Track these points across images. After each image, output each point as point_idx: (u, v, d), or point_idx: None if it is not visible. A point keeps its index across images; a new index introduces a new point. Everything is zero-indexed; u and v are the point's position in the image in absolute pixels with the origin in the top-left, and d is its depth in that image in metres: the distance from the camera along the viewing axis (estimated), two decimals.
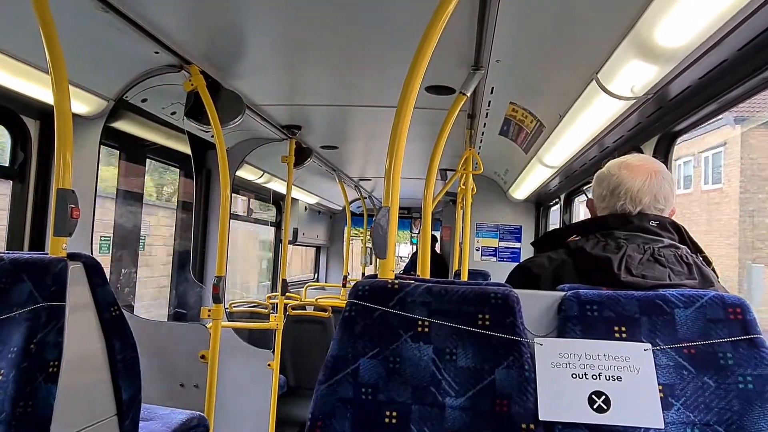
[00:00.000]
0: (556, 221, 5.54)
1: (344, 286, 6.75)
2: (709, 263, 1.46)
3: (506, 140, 3.87)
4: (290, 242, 6.95)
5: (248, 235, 7.41)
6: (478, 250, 6.18)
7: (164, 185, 5.86)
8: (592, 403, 1.10)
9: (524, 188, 5.04)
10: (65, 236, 1.68)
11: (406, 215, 9.68)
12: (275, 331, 3.65)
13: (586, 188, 4.06)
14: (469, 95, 2.51)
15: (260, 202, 6.48)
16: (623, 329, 1.15)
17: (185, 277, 4.28)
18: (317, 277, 8.81)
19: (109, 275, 3.53)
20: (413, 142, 2.66)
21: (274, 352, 3.56)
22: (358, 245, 8.94)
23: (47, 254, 1.65)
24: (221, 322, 2.96)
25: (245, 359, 3.46)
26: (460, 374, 1.17)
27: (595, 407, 1.10)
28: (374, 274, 1.35)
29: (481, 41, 2.20)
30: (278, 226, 6.71)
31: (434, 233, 9.01)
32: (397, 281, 1.25)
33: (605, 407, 1.10)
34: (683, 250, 1.40)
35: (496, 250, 6.21)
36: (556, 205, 5.18)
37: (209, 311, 2.96)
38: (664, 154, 2.38)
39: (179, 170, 4.46)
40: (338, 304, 5.26)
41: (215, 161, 4.08)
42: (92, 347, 1.72)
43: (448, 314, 1.20)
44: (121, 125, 3.44)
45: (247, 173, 5.03)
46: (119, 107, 2.87)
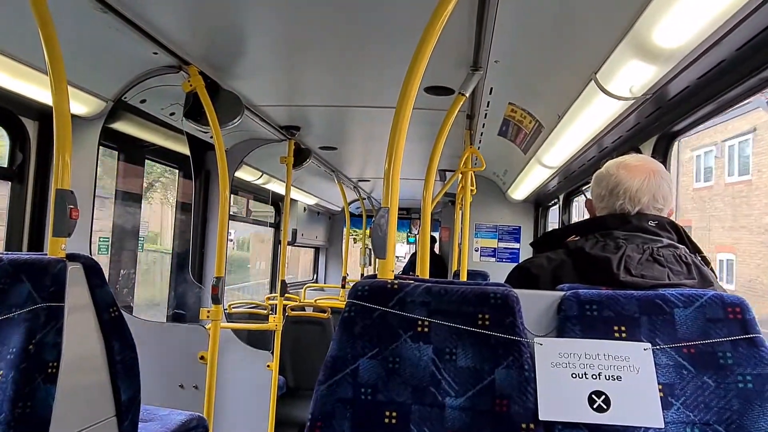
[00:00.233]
0: (555, 221, 5.54)
1: (343, 287, 6.75)
2: (707, 263, 1.46)
3: (505, 141, 3.87)
4: (289, 243, 6.96)
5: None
6: (477, 250, 6.18)
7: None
8: (591, 402, 1.10)
9: (523, 189, 5.04)
10: (64, 237, 1.68)
11: (405, 216, 9.69)
12: (274, 332, 3.65)
13: (585, 188, 4.06)
14: (468, 96, 2.51)
15: (259, 202, 6.48)
16: (623, 329, 1.15)
17: (184, 278, 4.28)
18: (316, 278, 8.81)
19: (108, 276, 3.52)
20: (412, 142, 2.66)
21: (273, 353, 3.56)
22: (357, 245, 8.94)
23: (46, 255, 1.65)
24: (220, 323, 2.96)
25: (244, 360, 3.46)
26: (459, 374, 1.17)
27: (595, 407, 1.10)
28: (373, 274, 1.35)
29: (479, 42, 2.21)
30: (277, 227, 6.72)
31: (433, 234, 9.02)
32: (396, 281, 1.25)
33: (605, 407, 1.10)
34: (682, 249, 1.40)
35: (495, 250, 6.20)
36: (555, 205, 5.18)
37: (208, 312, 2.96)
38: (662, 154, 2.39)
39: (178, 171, 4.46)
40: (337, 305, 5.26)
41: (214, 162, 4.10)
42: (91, 348, 1.71)
43: (447, 314, 1.20)
44: (120, 126, 3.44)
45: (246, 174, 5.03)
46: (118, 108, 2.86)
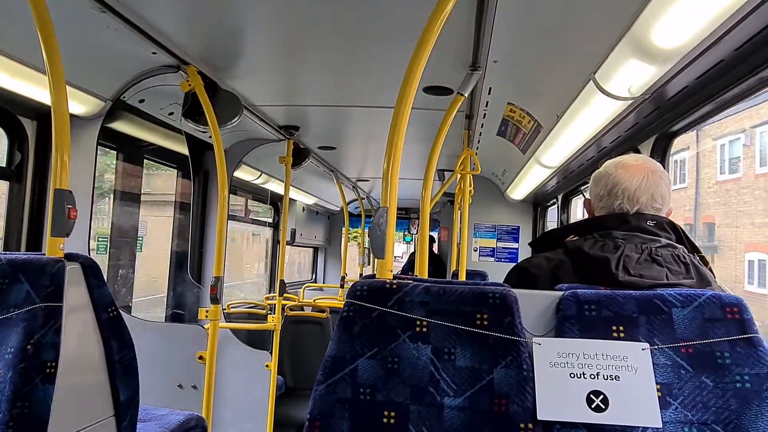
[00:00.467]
0: (553, 221, 5.55)
1: (342, 286, 6.75)
2: (706, 263, 1.47)
3: (504, 141, 3.87)
4: (288, 243, 6.95)
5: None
6: (475, 250, 6.18)
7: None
8: (590, 402, 1.10)
9: (522, 189, 5.04)
10: (62, 237, 1.68)
11: (404, 216, 9.69)
12: (273, 331, 3.65)
13: (583, 188, 4.07)
14: (466, 96, 2.51)
15: (258, 202, 6.48)
16: (621, 329, 1.15)
17: (183, 277, 4.28)
18: (315, 277, 8.80)
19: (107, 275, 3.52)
20: (411, 142, 2.65)
21: (272, 352, 3.55)
22: (356, 246, 8.93)
23: (44, 255, 1.64)
24: (219, 322, 2.96)
25: (243, 360, 3.46)
26: (458, 374, 1.17)
27: (593, 407, 1.10)
28: (372, 274, 1.35)
29: (478, 42, 2.21)
30: (276, 226, 6.71)
31: (432, 234, 9.02)
32: (395, 281, 1.25)
33: (603, 407, 1.10)
34: (680, 249, 1.40)
35: (493, 250, 6.20)
36: (553, 205, 5.18)
37: (207, 312, 2.96)
38: (661, 154, 2.39)
39: (177, 171, 4.45)
40: (336, 304, 5.26)
41: (213, 162, 4.08)
42: (90, 348, 1.71)
43: (446, 314, 1.20)
44: (118, 126, 3.44)
45: (244, 174, 5.03)
46: (117, 108, 2.86)
